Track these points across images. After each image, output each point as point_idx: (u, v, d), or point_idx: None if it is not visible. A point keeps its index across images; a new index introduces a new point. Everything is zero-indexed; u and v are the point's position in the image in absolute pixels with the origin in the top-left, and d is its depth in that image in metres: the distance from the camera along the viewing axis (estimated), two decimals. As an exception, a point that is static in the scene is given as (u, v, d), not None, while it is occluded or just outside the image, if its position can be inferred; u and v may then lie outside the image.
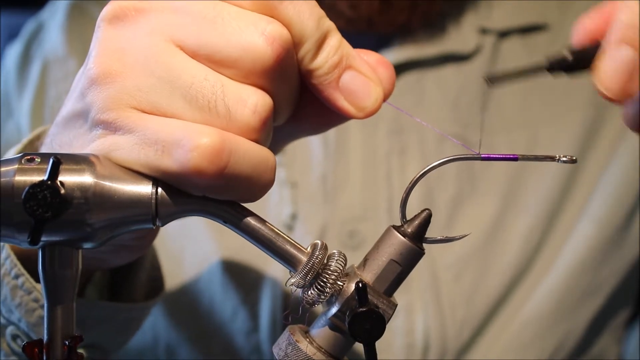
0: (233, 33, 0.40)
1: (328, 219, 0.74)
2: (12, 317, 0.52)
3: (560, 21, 0.81)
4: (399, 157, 0.75)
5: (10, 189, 0.39)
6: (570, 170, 0.76)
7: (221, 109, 0.40)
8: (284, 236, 0.43)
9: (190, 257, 0.74)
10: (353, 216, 0.74)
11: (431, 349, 0.71)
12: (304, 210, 0.74)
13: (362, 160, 0.75)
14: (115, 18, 0.43)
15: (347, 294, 0.42)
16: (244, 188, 0.41)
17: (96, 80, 0.42)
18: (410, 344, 0.71)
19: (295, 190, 0.74)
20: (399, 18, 0.75)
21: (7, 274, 0.51)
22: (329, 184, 0.75)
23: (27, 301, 0.51)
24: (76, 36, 0.83)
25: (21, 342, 0.53)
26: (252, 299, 0.72)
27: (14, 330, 0.53)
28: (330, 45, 0.43)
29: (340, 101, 0.44)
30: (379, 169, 0.75)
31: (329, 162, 0.75)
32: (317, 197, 0.74)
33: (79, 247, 0.41)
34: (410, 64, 0.78)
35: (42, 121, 0.80)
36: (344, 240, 0.73)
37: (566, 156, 0.44)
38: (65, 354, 0.41)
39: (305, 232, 0.73)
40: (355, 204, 0.74)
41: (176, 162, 0.39)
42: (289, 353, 0.43)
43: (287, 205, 0.74)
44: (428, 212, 0.44)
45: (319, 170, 0.75)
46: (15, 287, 0.51)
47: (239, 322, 0.72)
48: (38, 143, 0.54)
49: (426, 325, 0.71)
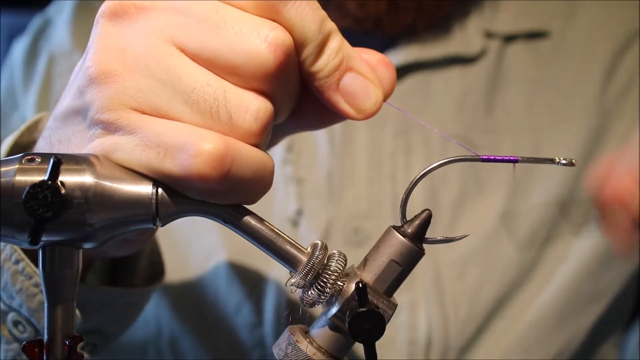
0: (236, 39, 0.40)
1: (333, 215, 0.74)
2: (13, 303, 0.52)
3: (564, 28, 0.81)
4: (405, 156, 0.76)
5: (10, 189, 0.39)
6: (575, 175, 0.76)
7: (223, 115, 0.40)
8: (284, 236, 0.43)
9: (195, 250, 0.75)
10: (358, 213, 0.74)
11: (433, 346, 0.71)
12: (310, 206, 0.74)
13: (367, 159, 0.76)
14: (114, 15, 0.42)
15: (347, 294, 0.42)
16: (244, 192, 0.41)
17: (96, 79, 0.41)
18: (412, 341, 0.71)
19: (301, 186, 0.75)
20: (406, 19, 0.75)
21: (8, 260, 0.51)
22: (334, 181, 0.75)
23: (28, 286, 0.51)
24: (82, 31, 0.84)
25: (22, 329, 0.53)
26: (257, 294, 0.72)
27: (15, 317, 0.53)
28: (331, 48, 0.43)
29: (340, 103, 0.44)
30: (384, 168, 0.75)
31: (335, 160, 0.76)
32: (323, 193, 0.75)
33: (79, 247, 0.41)
34: (416, 65, 0.78)
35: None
36: (348, 237, 0.74)
37: (565, 159, 0.44)
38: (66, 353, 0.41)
39: (310, 228, 0.73)
40: (361, 201, 0.75)
41: (179, 167, 0.39)
42: (289, 353, 0.43)
43: (292, 201, 0.74)
44: (428, 212, 0.44)
45: (325, 168, 0.75)
46: (16, 273, 0.51)
47: (243, 316, 0.72)
48: (36, 133, 0.54)
49: (429, 322, 0.71)
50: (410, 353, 0.71)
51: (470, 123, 0.77)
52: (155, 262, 0.61)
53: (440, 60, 0.78)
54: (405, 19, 0.76)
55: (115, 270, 0.60)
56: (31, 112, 0.82)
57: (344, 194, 0.75)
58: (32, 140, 0.54)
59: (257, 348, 0.72)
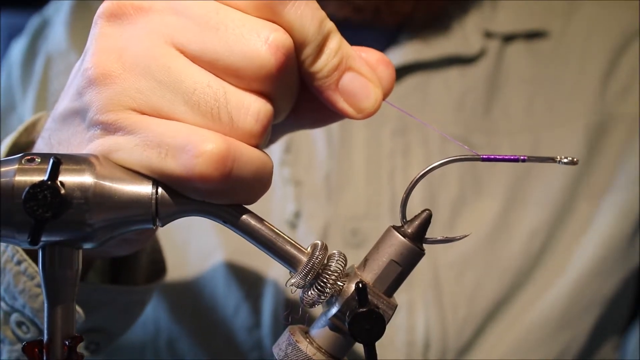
0: (236, 41, 0.40)
1: (331, 216, 0.74)
2: (16, 304, 0.53)
3: (563, 28, 0.81)
4: (403, 156, 0.75)
5: (10, 189, 0.39)
6: (576, 175, 0.76)
7: (224, 116, 0.40)
8: (284, 236, 0.43)
9: (193, 251, 0.75)
10: (356, 214, 0.74)
11: (432, 347, 0.71)
12: (308, 208, 0.74)
13: (365, 159, 0.76)
14: (113, 16, 0.42)
15: (347, 294, 0.42)
16: (245, 192, 0.41)
17: (94, 80, 0.41)
18: (411, 342, 0.71)
19: (299, 188, 0.75)
20: (404, 7, 0.76)
21: (9, 261, 0.51)
22: (332, 182, 0.75)
23: (31, 287, 0.51)
24: (79, 31, 0.84)
25: (26, 329, 0.53)
26: (255, 295, 0.72)
27: (19, 317, 0.53)
28: (330, 48, 0.43)
29: (339, 103, 0.44)
30: (382, 168, 0.75)
31: (333, 161, 0.76)
32: (321, 195, 0.75)
33: (79, 247, 0.41)
34: (415, 66, 0.78)
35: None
36: (346, 238, 0.74)
37: (567, 157, 0.44)
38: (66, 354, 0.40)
39: (309, 229, 0.73)
40: (359, 202, 0.75)
41: (180, 167, 0.39)
42: (289, 353, 0.43)
43: (290, 203, 0.74)
44: (428, 212, 0.44)
45: (322, 169, 0.75)
46: (18, 273, 0.51)
47: (241, 317, 0.72)
48: (35, 133, 0.54)
49: (427, 323, 0.71)
50: (408, 354, 0.71)
51: (470, 124, 0.77)
52: (156, 260, 0.61)
53: (439, 60, 0.78)
54: (404, 8, 0.76)
55: (116, 268, 0.60)
56: (29, 114, 0.82)
57: (342, 195, 0.75)
58: (30, 140, 0.54)
59: (255, 350, 0.71)
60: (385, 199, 0.74)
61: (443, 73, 0.79)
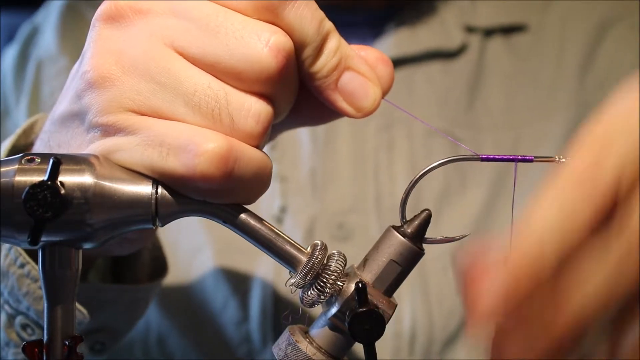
0: (237, 44, 0.40)
1: (317, 211, 0.75)
2: (20, 307, 0.53)
3: (540, 21, 0.82)
4: (387, 151, 0.76)
5: (10, 189, 0.39)
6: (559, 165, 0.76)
7: (225, 118, 0.40)
8: (284, 236, 0.43)
9: (183, 248, 0.75)
10: (341, 209, 0.75)
11: (418, 338, 0.71)
12: (294, 203, 0.75)
13: (350, 155, 0.76)
14: (110, 18, 0.42)
15: (347, 294, 0.42)
16: (245, 192, 0.42)
17: (93, 83, 0.41)
18: (397, 333, 0.71)
19: (285, 184, 0.75)
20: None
21: (13, 264, 0.51)
22: (318, 177, 0.76)
23: (34, 289, 0.51)
24: (68, 35, 0.84)
25: (31, 331, 0.53)
26: (243, 290, 0.72)
27: (23, 320, 0.53)
28: (329, 48, 0.43)
29: (339, 102, 0.44)
30: (367, 163, 0.76)
31: (318, 157, 0.76)
32: (307, 190, 0.75)
33: (79, 247, 0.41)
34: (400, 61, 0.78)
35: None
36: (332, 232, 0.74)
37: (565, 157, 0.44)
38: (65, 354, 0.41)
39: (295, 223, 0.74)
40: (344, 196, 0.75)
41: (182, 166, 0.39)
42: (289, 353, 0.43)
43: (277, 198, 0.75)
44: (428, 212, 0.44)
45: (308, 165, 0.76)
46: (22, 276, 0.51)
47: (229, 312, 0.72)
48: (32, 135, 0.54)
49: (413, 315, 0.71)
50: (395, 346, 0.71)
51: (453, 119, 0.78)
52: (157, 257, 0.61)
53: (421, 55, 0.79)
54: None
55: (118, 266, 0.60)
56: (23, 118, 0.82)
57: (328, 190, 0.75)
58: (29, 142, 0.54)
59: (243, 343, 0.72)
60: (370, 193, 0.75)
61: (426, 68, 0.79)
